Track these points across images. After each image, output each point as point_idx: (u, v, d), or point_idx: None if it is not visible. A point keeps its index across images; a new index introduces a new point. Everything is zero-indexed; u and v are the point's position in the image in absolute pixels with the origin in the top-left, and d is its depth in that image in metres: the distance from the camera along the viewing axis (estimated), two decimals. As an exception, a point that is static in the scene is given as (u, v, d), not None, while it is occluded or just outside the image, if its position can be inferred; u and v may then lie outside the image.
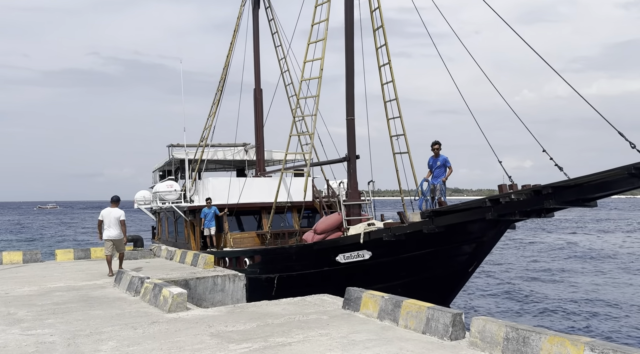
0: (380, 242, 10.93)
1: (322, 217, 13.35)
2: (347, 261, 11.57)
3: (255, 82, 19.14)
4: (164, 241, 20.47)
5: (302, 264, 12.49)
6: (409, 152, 13.73)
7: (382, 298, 7.46)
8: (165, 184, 18.28)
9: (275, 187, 16.58)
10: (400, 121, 13.71)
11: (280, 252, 13.33)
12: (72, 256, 16.20)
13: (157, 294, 8.94)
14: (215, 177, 18.96)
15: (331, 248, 11.95)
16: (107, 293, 10.27)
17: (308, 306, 8.55)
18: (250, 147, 20.25)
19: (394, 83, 13.70)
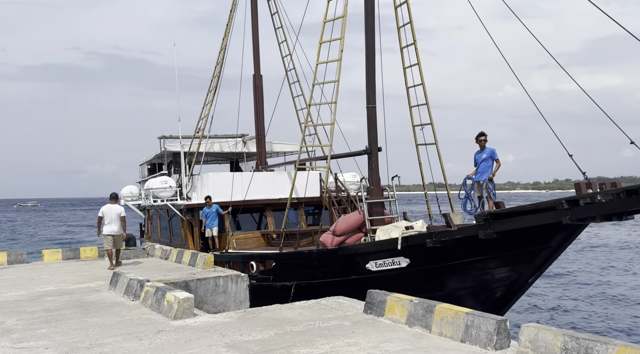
0: (421, 249, 9.53)
1: (342, 216, 11.99)
2: (380, 269, 10.22)
3: (255, 67, 17.65)
4: (156, 241, 19.01)
5: (324, 271, 11.12)
6: (436, 143, 12.39)
7: (410, 302, 6.87)
8: (159, 179, 16.94)
9: (280, 182, 15.75)
10: (427, 109, 12.42)
11: (299, 257, 11.84)
12: (61, 257, 15.35)
13: (160, 299, 8.23)
14: (216, 173, 17.73)
15: (361, 254, 10.54)
16: (103, 298, 9.52)
17: (325, 311, 7.92)
18: (249, 139, 18.83)
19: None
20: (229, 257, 13.94)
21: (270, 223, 15.74)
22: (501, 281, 9.34)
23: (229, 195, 15.25)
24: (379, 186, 12.01)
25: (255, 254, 13.28)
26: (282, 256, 12.42)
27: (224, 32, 17.11)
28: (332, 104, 12.03)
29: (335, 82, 12.03)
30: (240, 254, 13.85)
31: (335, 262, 10.94)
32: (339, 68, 11.91)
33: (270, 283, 12.21)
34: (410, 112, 12.77)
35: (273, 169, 17.40)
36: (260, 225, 15.83)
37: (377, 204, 11.81)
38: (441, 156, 12.41)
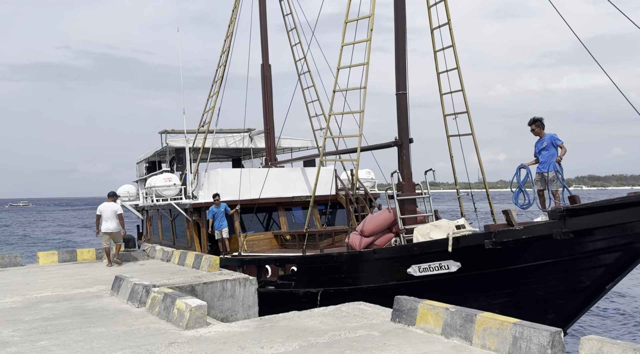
0: (477, 251, 8.40)
1: (369, 215, 11.00)
2: (425, 274, 9.07)
3: (263, 57, 16.28)
4: (156, 243, 17.95)
5: (356, 277, 10.02)
6: (473, 134, 11.26)
7: (446, 310, 6.31)
8: (162, 177, 15.77)
9: (293, 179, 14.95)
10: (463, 95, 11.29)
11: (326, 261, 10.62)
12: (57, 259, 14.68)
13: (170, 306, 7.63)
14: (225, 169, 16.52)
15: (401, 257, 9.42)
16: (105, 304, 8.90)
17: (349, 319, 7.35)
18: (256, 134, 17.57)
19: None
20: (242, 260, 12.88)
21: (282, 223, 14.78)
22: (572, 288, 8.12)
23: (240, 192, 14.23)
24: (411, 181, 10.90)
25: (274, 257, 12.23)
26: (306, 260, 11.24)
27: (230, 18, 16.07)
28: (362, 89, 10.75)
29: (364, 65, 10.80)
30: (256, 257, 12.80)
31: (370, 266, 9.89)
32: (369, 49, 10.75)
33: (291, 289, 11.14)
34: (441, 99, 11.78)
35: (283, 166, 16.38)
36: (268, 225, 14.89)
37: (409, 201, 10.75)
38: (478, 147, 11.39)
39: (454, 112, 11.65)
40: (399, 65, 10.98)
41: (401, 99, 10.97)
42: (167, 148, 17.18)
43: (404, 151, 10.96)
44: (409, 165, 10.94)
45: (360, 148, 11.10)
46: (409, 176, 10.90)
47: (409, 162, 10.94)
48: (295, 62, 16.59)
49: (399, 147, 11.02)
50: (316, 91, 16.31)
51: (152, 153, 18.87)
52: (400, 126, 10.98)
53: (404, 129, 10.94)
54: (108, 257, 13.61)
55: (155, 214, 18.66)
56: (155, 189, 15.60)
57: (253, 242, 13.83)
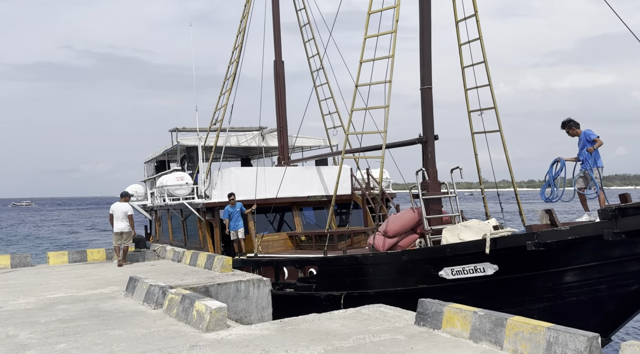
0: (517, 253, 8.00)
1: (392, 215, 10.56)
2: (458, 277, 8.65)
3: (276, 52, 15.76)
4: (166, 244, 17.33)
5: (383, 280, 9.63)
6: (500, 131, 10.82)
7: (474, 314, 6.17)
8: (174, 176, 15.34)
9: (308, 178, 14.63)
10: (490, 90, 10.84)
11: (350, 263, 10.23)
12: (67, 259, 14.58)
13: (188, 308, 7.51)
14: (239, 168, 16.16)
15: (433, 259, 9.00)
16: (120, 306, 8.78)
17: (371, 321, 7.22)
18: (268, 132, 17.08)
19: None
20: (258, 262, 12.48)
21: (297, 224, 14.47)
22: (619, 293, 7.69)
23: (253, 192, 13.88)
24: (436, 179, 10.48)
25: (293, 259, 11.83)
26: (327, 261, 10.80)
27: (242, 13, 15.67)
28: (387, 83, 10.31)
29: (389, 58, 10.34)
30: (273, 258, 12.41)
31: (397, 268, 9.44)
32: (394, 41, 10.30)
33: (312, 292, 10.75)
34: (466, 94, 11.34)
35: (296, 165, 15.98)
36: (281, 226, 14.56)
37: (435, 201, 10.34)
38: (506, 144, 10.94)
39: (480, 108, 11.20)
40: (423, 58, 10.58)
41: (426, 93, 10.55)
42: (177, 147, 16.75)
43: (429, 148, 10.55)
44: (434, 163, 10.54)
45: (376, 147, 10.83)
46: (435, 174, 10.52)
47: (434, 159, 10.55)
48: (308, 58, 16.26)
49: (424, 145, 10.63)
50: (330, 88, 15.95)
51: (161, 152, 18.46)
52: (425, 122, 10.55)
53: (429, 125, 10.52)
54: (117, 254, 13.81)
55: (165, 214, 18.27)
56: (167, 189, 15.25)
57: (267, 243, 13.56)
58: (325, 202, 14.78)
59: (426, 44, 10.59)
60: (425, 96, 10.56)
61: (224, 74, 15.88)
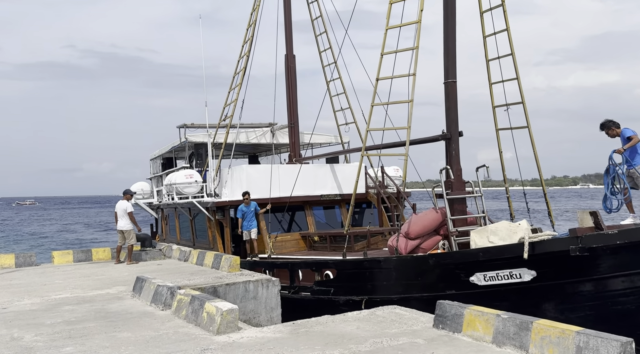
0: (557, 259, 7.55)
1: (414, 216, 10.02)
2: (491, 283, 8.15)
3: (287, 46, 15.30)
4: (173, 243, 16.97)
5: (407, 285, 9.08)
6: (529, 127, 10.29)
7: (497, 317, 5.92)
8: (183, 173, 14.87)
9: (321, 177, 14.20)
10: (518, 84, 10.34)
11: (372, 266, 9.69)
12: (72, 259, 14.38)
13: (198, 309, 7.29)
14: (251, 166, 15.62)
15: (464, 264, 8.48)
16: (127, 307, 8.56)
17: (386, 324, 6.98)
18: (279, 128, 16.56)
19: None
20: (272, 263, 12.00)
21: (310, 223, 14.04)
22: None
23: (265, 191, 13.46)
24: (461, 178, 9.98)
25: (310, 261, 11.33)
26: (347, 264, 10.26)
27: (253, 5, 15.26)
28: (411, 76, 9.79)
29: (414, 49, 9.78)
30: (288, 260, 11.85)
31: (424, 273, 8.92)
32: (419, 31, 9.81)
33: (330, 296, 10.22)
34: (490, 89, 10.86)
35: (308, 162, 15.50)
36: (292, 226, 14.11)
37: (459, 200, 9.81)
38: (534, 141, 10.39)
39: (506, 103, 10.68)
40: (447, 50, 10.04)
41: (450, 87, 10.01)
42: (186, 143, 16.20)
43: (453, 145, 10.03)
44: (459, 160, 10.05)
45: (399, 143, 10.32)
46: (459, 173, 10.03)
47: (459, 157, 10.04)
48: (319, 52, 15.78)
49: (448, 141, 10.11)
50: (342, 83, 15.44)
51: (168, 149, 17.96)
52: (449, 117, 10.05)
53: (453, 120, 10.02)
54: (117, 254, 13.92)
55: (172, 212, 17.77)
56: (176, 187, 14.75)
57: (279, 243, 13.16)
58: (338, 201, 14.38)
59: (450, 35, 10.06)
60: (449, 90, 10.02)
61: (233, 70, 15.57)
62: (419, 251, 9.53)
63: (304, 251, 13.25)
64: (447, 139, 10.14)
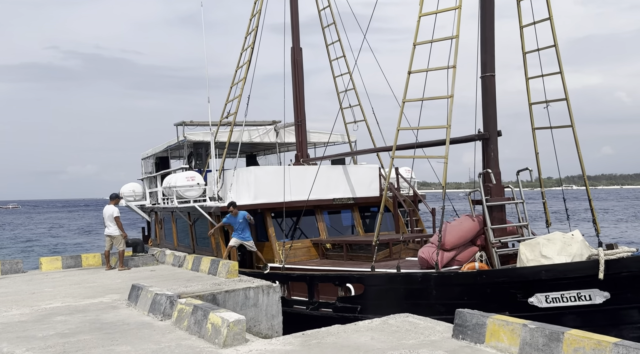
0: (636, 279, 6.87)
1: (446, 224, 9.02)
2: (554, 305, 7.33)
3: (293, 38, 14.20)
4: (168, 249, 15.88)
5: (451, 304, 7.63)
6: (573, 126, 9.51)
7: (523, 327, 5.60)
8: (184, 175, 13.69)
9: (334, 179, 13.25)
10: (562, 79, 9.54)
11: (407, 282, 8.63)
12: (60, 265, 13.83)
13: (201, 320, 6.87)
14: (259, 167, 14.51)
15: (521, 283, 7.54)
16: (124, 317, 8.10)
17: (402, 334, 6.63)
18: (283, 126, 15.50)
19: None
20: (286, 277, 10.83)
21: (321, 230, 13.03)
22: None
23: (275, 194, 12.38)
24: (500, 183, 9.13)
25: (332, 275, 10.08)
26: (378, 279, 9.11)
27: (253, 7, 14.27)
28: (451, 68, 8.94)
29: (453, 39, 8.93)
30: (307, 273, 10.67)
31: (472, 292, 7.93)
32: (459, 18, 8.89)
33: (357, 314, 9.09)
34: (527, 85, 10.06)
35: (316, 163, 14.33)
36: (301, 232, 12.98)
37: (497, 208, 8.89)
38: (578, 141, 9.58)
39: (546, 100, 9.85)
40: (485, 42, 9.25)
41: (488, 82, 9.17)
42: (184, 142, 14.92)
43: (492, 146, 9.10)
44: (498, 163, 9.15)
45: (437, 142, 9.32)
46: (498, 177, 9.19)
47: (497, 159, 9.15)
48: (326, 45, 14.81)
49: (486, 141, 9.19)
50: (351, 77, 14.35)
51: (163, 147, 16.67)
52: (487, 114, 9.16)
53: (492, 118, 9.12)
54: (107, 260, 13.47)
55: (168, 216, 16.50)
56: (177, 190, 13.53)
57: (289, 252, 12.13)
58: (351, 206, 13.53)
59: (488, 26, 9.30)
60: (487, 84, 9.17)
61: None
62: (454, 264, 8.76)
63: (317, 260, 12.29)
64: (485, 139, 9.23)
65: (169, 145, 16.13)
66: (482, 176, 9.21)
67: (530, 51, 10.18)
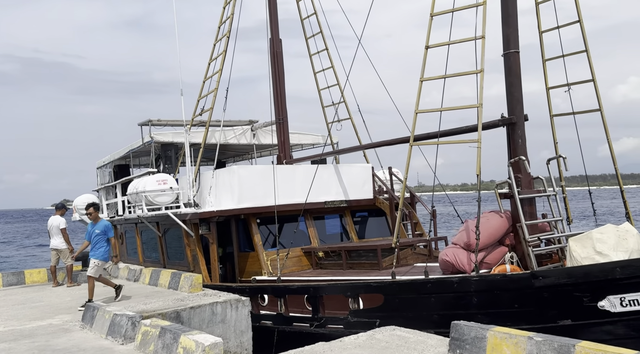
0: None
1: (469, 222, 8.11)
2: (631, 309, 6.31)
3: (272, 29, 12.97)
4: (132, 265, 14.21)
5: (496, 314, 6.93)
6: (601, 110, 8.52)
7: (529, 340, 5.23)
8: (154, 179, 12.06)
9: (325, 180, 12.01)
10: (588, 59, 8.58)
11: (439, 290, 7.46)
12: (0, 283, 12.56)
13: (171, 344, 6.14)
14: (243, 167, 12.85)
15: (589, 284, 6.50)
16: (78, 341, 7.22)
17: (392, 350, 6.14)
18: (261, 126, 14.26)
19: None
20: (283, 289, 9.62)
21: (312, 236, 11.88)
22: None
23: (262, 197, 11.21)
24: (528, 174, 8.07)
25: (343, 285, 8.81)
26: (402, 288, 7.90)
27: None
28: (479, 39, 7.86)
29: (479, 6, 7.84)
30: (309, 285, 9.32)
31: (525, 298, 6.86)
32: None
33: None
34: (544, 66, 9.04)
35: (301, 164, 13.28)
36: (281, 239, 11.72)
37: (527, 201, 7.95)
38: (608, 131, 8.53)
39: (567, 83, 8.83)
40: (508, 14, 8.20)
41: (512, 59, 8.09)
42: (152, 143, 13.31)
43: (519, 132, 8.01)
44: (526, 151, 8.04)
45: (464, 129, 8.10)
46: (524, 166, 8.08)
47: (525, 147, 8.03)
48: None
49: (511, 127, 8.08)
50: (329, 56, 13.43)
51: (123, 153, 14.96)
52: (512, 96, 8.08)
53: (518, 101, 8.03)
54: (54, 276, 12.59)
55: (130, 228, 14.79)
56: (147, 195, 11.80)
57: (275, 262, 10.98)
58: (343, 209, 12.46)
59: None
60: (511, 62, 8.09)
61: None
62: (483, 267, 7.82)
63: (311, 271, 11.14)
64: (512, 124, 8.11)
65: (131, 148, 14.43)
66: (512, 165, 8.03)
67: (547, 30, 9.08)
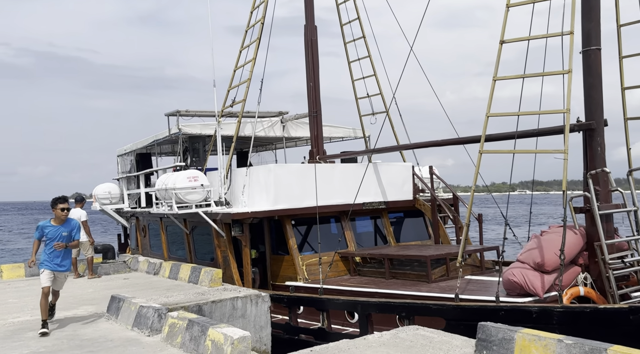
0: None
1: (542, 238, 7.38)
2: None
3: (307, 15, 12.20)
4: None
5: None
6: None
7: (558, 342, 5.22)
8: (185, 175, 11.40)
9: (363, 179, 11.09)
10: None
11: (515, 318, 6.32)
12: (24, 273, 12.76)
13: (199, 336, 6.21)
14: (279, 165, 12.24)
15: None
16: (105, 332, 7.34)
17: (417, 349, 6.16)
18: (291, 118, 13.59)
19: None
20: (324, 302, 8.61)
21: (349, 240, 11.20)
22: None
23: (298, 198, 10.60)
24: (607, 185, 7.42)
25: (394, 304, 7.70)
26: (468, 313, 6.82)
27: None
28: (568, 35, 7.27)
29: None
30: (357, 300, 8.23)
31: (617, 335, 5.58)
32: None
33: None
34: (620, 64, 8.28)
35: (333, 161, 12.45)
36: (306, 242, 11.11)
37: (607, 217, 7.23)
38: None
39: None
40: (590, 10, 7.40)
41: (593, 57, 7.36)
42: (179, 135, 12.54)
43: (598, 139, 7.26)
44: (605, 161, 7.33)
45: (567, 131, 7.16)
46: (606, 178, 7.43)
47: (604, 156, 7.33)
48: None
49: (588, 133, 7.29)
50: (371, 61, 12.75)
51: (148, 142, 14.14)
52: (590, 99, 7.35)
53: (597, 104, 7.33)
54: (75, 268, 12.51)
55: (154, 222, 14.04)
56: (177, 193, 11.17)
57: (312, 267, 10.40)
58: (381, 211, 11.81)
59: None
60: (591, 61, 7.37)
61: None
62: (553, 290, 7.13)
63: (348, 278, 10.51)
64: (589, 130, 7.30)
65: (156, 139, 13.65)
66: (591, 177, 7.29)
67: (625, 24, 8.32)
